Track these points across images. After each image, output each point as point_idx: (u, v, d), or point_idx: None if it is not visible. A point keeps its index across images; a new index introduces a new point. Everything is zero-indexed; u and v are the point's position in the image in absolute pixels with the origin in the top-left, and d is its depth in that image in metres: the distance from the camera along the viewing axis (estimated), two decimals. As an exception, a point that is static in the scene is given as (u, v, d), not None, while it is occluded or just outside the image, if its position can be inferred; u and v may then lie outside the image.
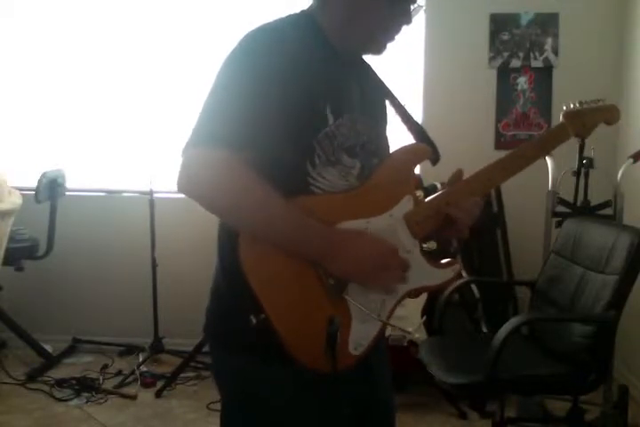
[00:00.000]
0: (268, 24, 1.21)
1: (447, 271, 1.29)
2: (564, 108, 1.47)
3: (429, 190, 1.38)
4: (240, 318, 1.16)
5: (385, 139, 1.38)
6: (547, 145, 1.42)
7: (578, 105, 1.47)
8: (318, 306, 1.17)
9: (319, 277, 1.17)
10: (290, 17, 1.26)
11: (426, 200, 1.28)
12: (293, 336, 1.15)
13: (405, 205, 1.25)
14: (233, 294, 1.22)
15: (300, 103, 1.15)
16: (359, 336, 1.20)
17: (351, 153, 1.23)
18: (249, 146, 1.12)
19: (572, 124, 1.43)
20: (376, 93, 1.37)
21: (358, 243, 1.18)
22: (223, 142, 1.10)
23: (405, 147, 1.31)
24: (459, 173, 1.32)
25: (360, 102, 1.28)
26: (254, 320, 1.13)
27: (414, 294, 1.27)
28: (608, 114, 1.49)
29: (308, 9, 1.29)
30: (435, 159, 1.34)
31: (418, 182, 1.36)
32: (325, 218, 1.18)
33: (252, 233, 1.16)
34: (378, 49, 1.29)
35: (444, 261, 1.31)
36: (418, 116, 3.61)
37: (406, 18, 1.26)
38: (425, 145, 1.32)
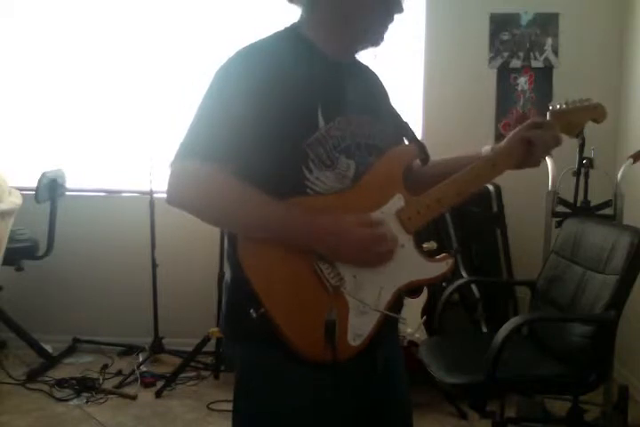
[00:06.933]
0: (255, 42, 1.25)
1: (441, 265, 1.33)
2: (550, 107, 1.49)
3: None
4: (242, 312, 1.19)
5: (390, 134, 1.38)
6: None
7: (565, 105, 1.49)
8: (316, 299, 1.19)
9: (316, 271, 1.19)
10: (275, 33, 1.30)
11: (416, 198, 1.31)
12: (293, 329, 1.17)
13: (396, 202, 1.28)
14: (236, 289, 1.27)
15: (287, 112, 1.19)
16: (357, 328, 1.23)
17: (348, 154, 1.26)
18: (234, 158, 1.18)
19: (559, 123, 1.47)
20: (376, 92, 1.41)
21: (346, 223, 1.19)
22: (209, 156, 1.16)
23: (394, 149, 1.34)
24: None
25: (358, 102, 1.30)
26: (254, 314, 1.16)
27: (412, 291, 1.28)
28: (594, 112, 1.51)
29: (291, 25, 1.33)
30: (424, 159, 1.39)
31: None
32: None
33: (245, 235, 1.20)
34: (375, 41, 1.32)
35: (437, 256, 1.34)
36: (418, 117, 3.61)
37: (398, 7, 1.30)
38: (413, 146, 1.37)
